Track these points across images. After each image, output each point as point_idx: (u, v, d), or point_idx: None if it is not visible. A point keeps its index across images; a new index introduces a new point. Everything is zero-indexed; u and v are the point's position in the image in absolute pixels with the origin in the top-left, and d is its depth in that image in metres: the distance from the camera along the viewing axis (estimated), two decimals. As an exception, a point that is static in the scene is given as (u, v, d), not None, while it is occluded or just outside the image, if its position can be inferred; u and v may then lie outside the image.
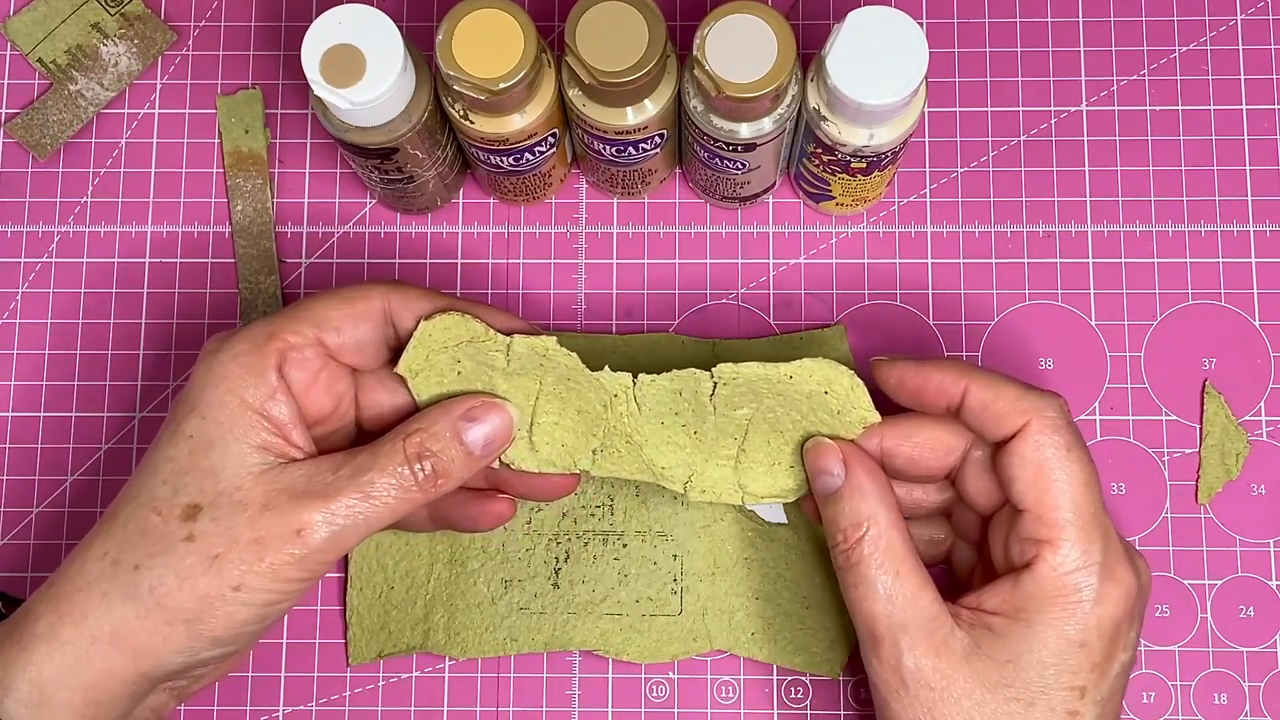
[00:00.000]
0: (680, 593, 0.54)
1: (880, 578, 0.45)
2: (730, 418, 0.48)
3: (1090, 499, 0.45)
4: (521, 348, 0.47)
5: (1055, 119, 0.58)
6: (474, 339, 0.47)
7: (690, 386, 0.48)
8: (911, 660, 0.44)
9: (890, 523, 0.46)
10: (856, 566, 0.46)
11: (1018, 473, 0.45)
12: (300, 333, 0.46)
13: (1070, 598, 0.44)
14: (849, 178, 0.52)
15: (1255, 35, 0.59)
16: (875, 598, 0.45)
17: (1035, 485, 0.45)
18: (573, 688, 0.55)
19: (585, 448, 0.49)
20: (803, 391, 0.47)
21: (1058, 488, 0.45)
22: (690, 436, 0.49)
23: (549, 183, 0.56)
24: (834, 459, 0.47)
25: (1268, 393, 0.56)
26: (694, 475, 0.49)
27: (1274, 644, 0.54)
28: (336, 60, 0.47)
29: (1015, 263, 0.57)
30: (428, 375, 0.48)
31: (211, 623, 0.43)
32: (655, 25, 0.47)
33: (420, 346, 0.47)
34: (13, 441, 0.57)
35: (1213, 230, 0.57)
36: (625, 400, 0.48)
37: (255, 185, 0.58)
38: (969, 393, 0.46)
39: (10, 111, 0.59)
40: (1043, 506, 0.45)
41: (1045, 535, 0.44)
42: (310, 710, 0.55)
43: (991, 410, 0.46)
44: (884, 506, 0.46)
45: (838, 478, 0.47)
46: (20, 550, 0.56)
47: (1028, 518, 0.45)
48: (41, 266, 0.58)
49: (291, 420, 0.45)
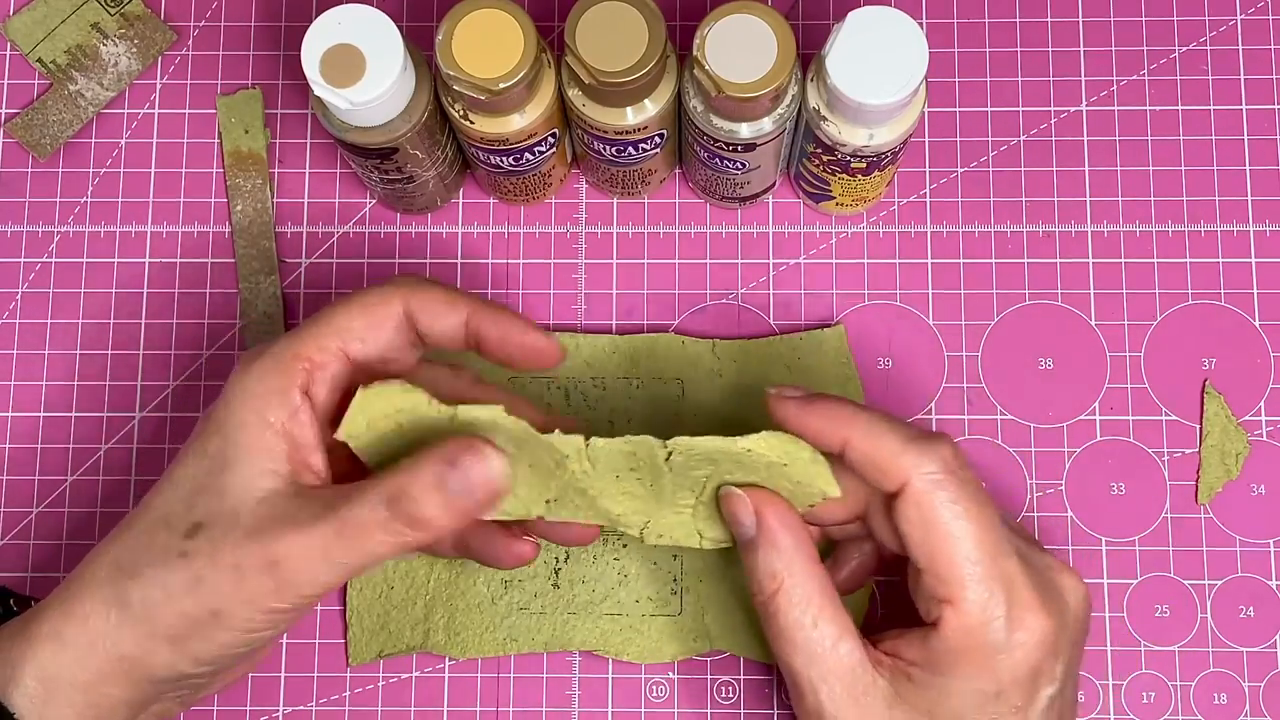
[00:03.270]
0: (680, 593, 0.54)
1: (797, 630, 0.45)
2: (686, 476, 0.47)
3: (986, 549, 0.43)
4: (466, 417, 0.44)
5: (1055, 119, 0.58)
6: (414, 409, 0.44)
7: (645, 452, 0.46)
8: (832, 710, 0.44)
9: (805, 573, 0.45)
10: (774, 618, 0.45)
11: (907, 531, 0.44)
12: (324, 348, 0.45)
13: (977, 653, 0.43)
14: (849, 178, 0.52)
15: (1255, 35, 0.59)
16: (794, 650, 0.45)
17: (925, 545, 0.44)
18: (573, 688, 0.55)
19: (539, 498, 0.47)
20: (761, 463, 0.46)
21: (949, 545, 0.43)
22: (646, 489, 0.47)
23: (549, 183, 0.56)
24: (744, 509, 0.46)
25: (1268, 393, 0.56)
26: (650, 522, 0.48)
27: (1274, 644, 0.54)
28: (336, 60, 0.47)
29: (1015, 263, 0.57)
30: (371, 439, 0.45)
31: (194, 644, 0.43)
32: (655, 25, 0.47)
33: (359, 414, 0.44)
34: (13, 441, 0.57)
35: (1213, 230, 0.57)
36: (578, 460, 0.46)
37: (255, 185, 0.58)
38: (849, 445, 0.44)
39: (10, 111, 0.59)
40: (937, 565, 0.43)
41: (944, 594, 0.43)
42: (310, 710, 0.55)
43: (871, 465, 0.44)
44: (799, 557, 0.45)
45: (749, 529, 0.46)
46: (20, 550, 0.56)
47: (926, 576, 0.44)
48: (41, 266, 0.58)
49: (313, 443, 0.44)
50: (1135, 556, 0.55)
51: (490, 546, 0.49)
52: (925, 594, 0.44)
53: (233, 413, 0.44)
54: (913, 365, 0.56)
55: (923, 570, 0.44)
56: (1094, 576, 0.55)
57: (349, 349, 0.45)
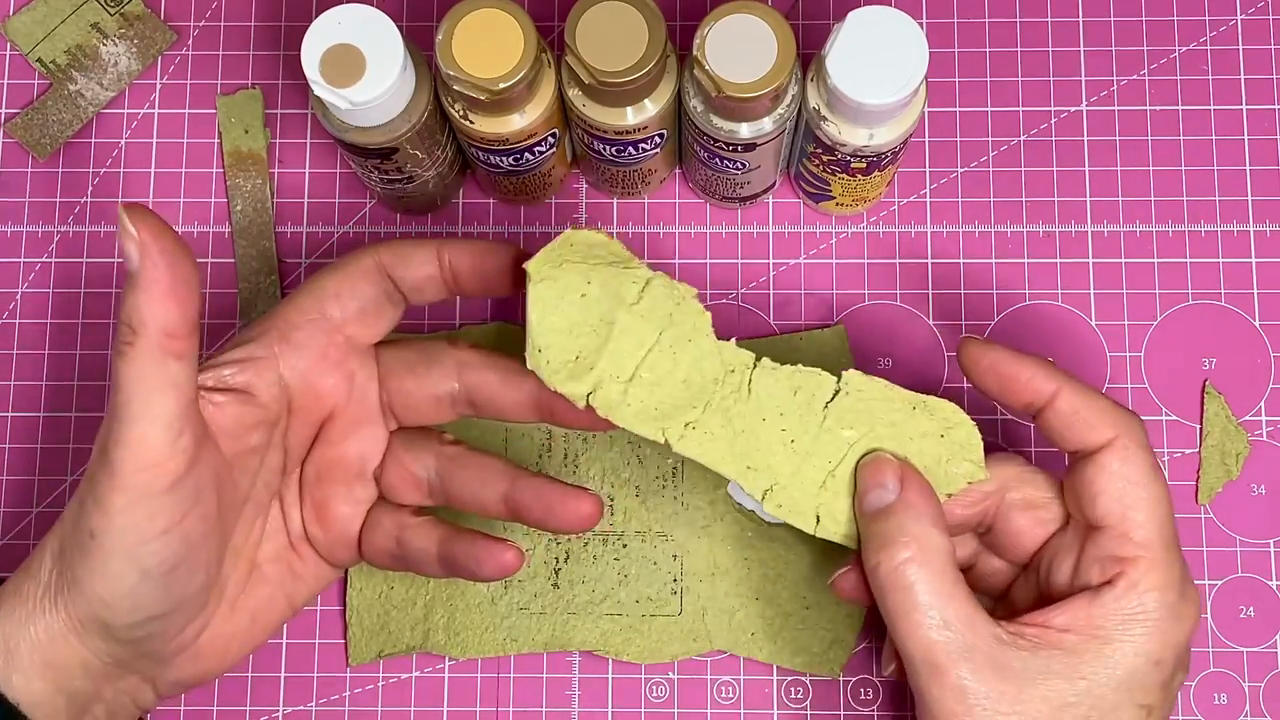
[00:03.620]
0: (680, 593, 0.54)
1: (934, 602, 0.44)
2: (835, 435, 0.46)
3: (1169, 521, 0.45)
4: (660, 288, 0.45)
5: (1055, 119, 0.58)
6: (615, 261, 0.44)
7: (809, 388, 0.46)
8: (977, 686, 0.43)
9: (942, 543, 0.45)
10: (907, 590, 0.44)
11: (1104, 487, 0.44)
12: (302, 308, 0.46)
13: (1153, 615, 0.43)
14: (849, 178, 0.52)
15: (1255, 35, 0.59)
16: (930, 624, 0.43)
17: (1122, 501, 0.44)
18: (573, 688, 0.55)
19: (679, 419, 0.45)
20: (919, 429, 0.46)
21: (1145, 507, 0.44)
22: (786, 445, 0.46)
23: (549, 183, 0.56)
24: (891, 474, 0.46)
25: (1268, 393, 0.56)
26: (775, 486, 0.47)
27: (1274, 644, 0.54)
28: (336, 60, 0.47)
29: (1015, 263, 0.57)
30: (551, 285, 0.44)
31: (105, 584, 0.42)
32: (655, 25, 0.47)
33: (556, 250, 0.43)
34: (13, 441, 0.57)
35: (1213, 230, 0.57)
36: (739, 380, 0.45)
37: (255, 185, 0.58)
38: (1060, 395, 0.45)
39: (10, 111, 0.59)
40: (1128, 524, 0.44)
41: (1130, 553, 0.44)
42: (310, 710, 0.55)
43: (1082, 417, 0.45)
44: (937, 526, 0.45)
45: (891, 492, 0.45)
46: (20, 550, 0.56)
47: (1109, 534, 0.44)
48: (41, 266, 0.58)
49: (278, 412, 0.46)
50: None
51: (472, 551, 0.47)
52: (1103, 554, 0.44)
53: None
54: (913, 365, 0.56)
55: (1107, 528, 0.44)
56: (1094, 576, 0.55)
57: (326, 308, 0.46)
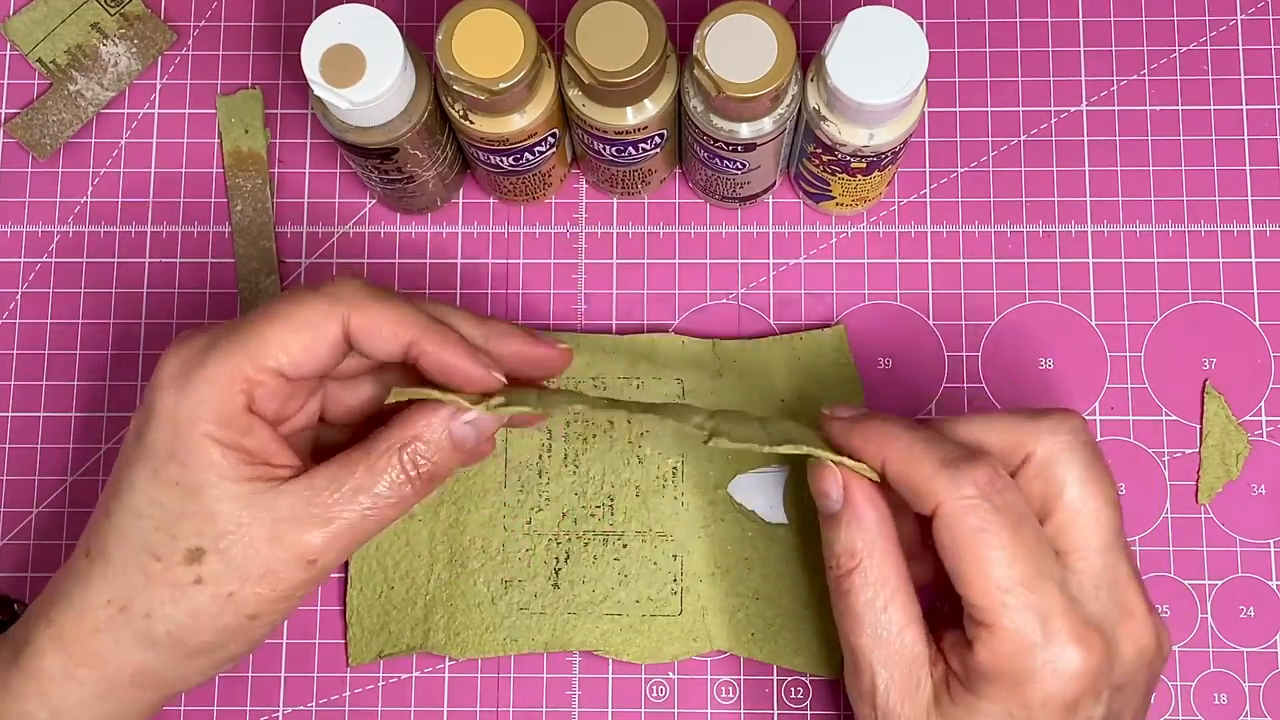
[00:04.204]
0: (680, 593, 0.54)
1: (868, 611, 0.45)
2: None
3: (1017, 577, 0.43)
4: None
5: (1055, 119, 0.58)
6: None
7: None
8: (884, 699, 0.45)
9: (884, 555, 0.45)
10: (846, 596, 0.45)
11: (941, 554, 0.44)
12: (261, 368, 0.44)
13: (1008, 679, 0.43)
14: (849, 178, 0.52)
15: (1255, 35, 0.59)
16: (861, 630, 0.45)
17: (958, 569, 0.43)
18: (573, 688, 0.55)
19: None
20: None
21: (980, 571, 0.43)
22: None
23: (549, 183, 0.56)
24: (833, 483, 0.46)
25: (1268, 393, 0.56)
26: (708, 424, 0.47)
27: (1274, 644, 0.54)
28: (336, 60, 0.47)
29: (1015, 263, 0.57)
30: None
31: (232, 647, 0.45)
32: (655, 25, 0.47)
33: None
34: (13, 441, 0.57)
35: (1213, 230, 0.57)
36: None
37: (255, 185, 0.58)
38: (886, 464, 0.45)
39: (10, 111, 0.59)
40: (970, 591, 0.43)
41: (980, 618, 0.43)
42: (310, 710, 0.55)
43: (907, 487, 0.44)
44: (880, 538, 0.45)
45: (836, 502, 0.46)
46: (20, 550, 0.56)
47: (963, 599, 0.44)
48: (41, 266, 0.58)
49: (269, 444, 0.45)
50: (1135, 556, 0.55)
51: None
52: (965, 612, 0.44)
53: (185, 440, 0.43)
54: (913, 365, 0.56)
55: (961, 592, 0.44)
56: (1094, 576, 0.55)
57: (284, 370, 0.44)
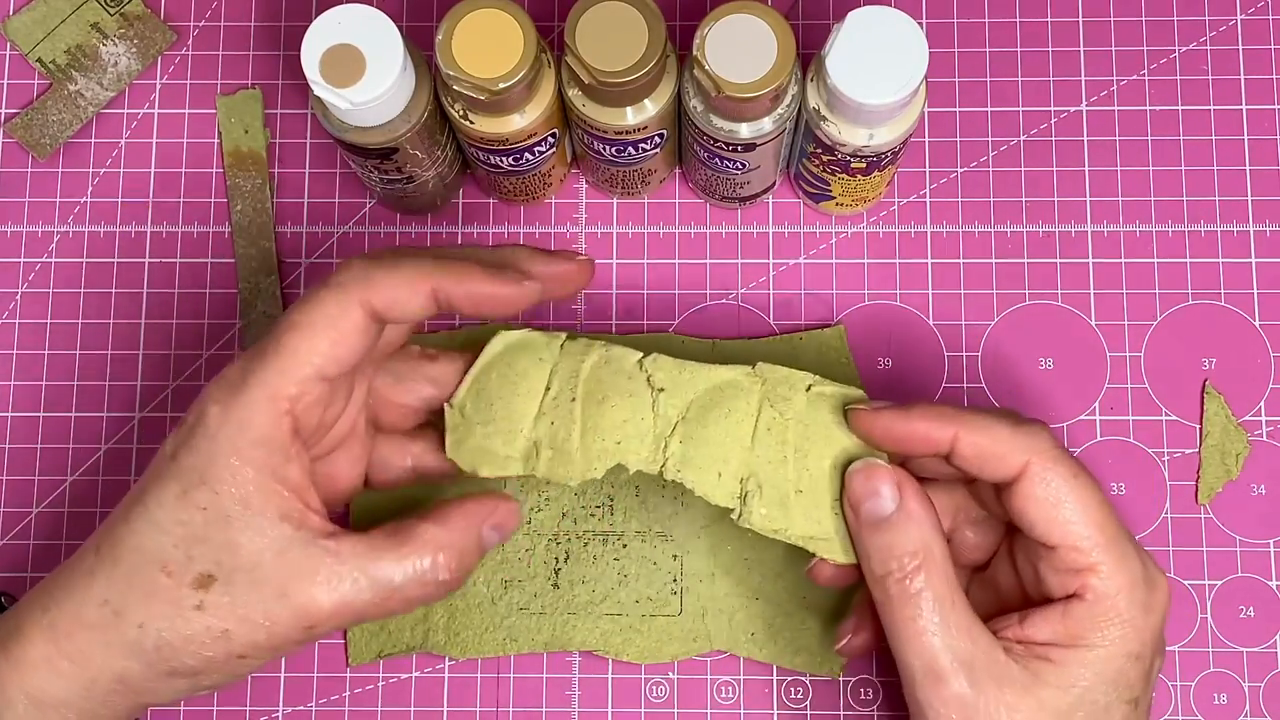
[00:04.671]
0: (680, 593, 0.54)
1: (938, 610, 0.44)
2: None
3: (1110, 516, 0.45)
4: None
5: (1055, 119, 0.58)
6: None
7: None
8: (976, 696, 0.43)
9: (945, 553, 0.45)
10: (914, 598, 0.44)
11: (1036, 515, 0.44)
12: (300, 381, 0.43)
13: (1125, 615, 0.44)
14: (849, 178, 0.52)
15: (1255, 35, 0.59)
16: (935, 631, 0.44)
17: (1058, 523, 0.44)
18: (573, 688, 0.55)
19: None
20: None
21: (1081, 519, 0.44)
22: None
23: (549, 183, 0.56)
24: (888, 481, 0.45)
25: (1268, 393, 0.56)
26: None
27: (1274, 644, 0.54)
28: (336, 60, 0.47)
29: (1015, 263, 0.57)
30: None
31: (214, 678, 0.44)
32: (655, 25, 0.47)
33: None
34: (13, 441, 0.57)
35: (1213, 230, 0.57)
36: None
37: (255, 185, 0.58)
38: (959, 440, 0.45)
39: (10, 111, 0.59)
40: (1073, 539, 0.44)
41: (1083, 564, 0.44)
42: (310, 710, 0.55)
43: (988, 454, 0.45)
44: (938, 537, 0.45)
45: (890, 501, 0.45)
46: (20, 550, 0.56)
47: (1059, 552, 0.44)
48: (41, 266, 0.58)
49: (306, 483, 0.44)
50: (1135, 556, 0.55)
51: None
52: (1060, 569, 0.44)
53: (221, 465, 0.42)
54: (913, 365, 0.56)
55: (1055, 547, 0.44)
56: (1094, 576, 0.55)
57: (324, 372, 0.43)
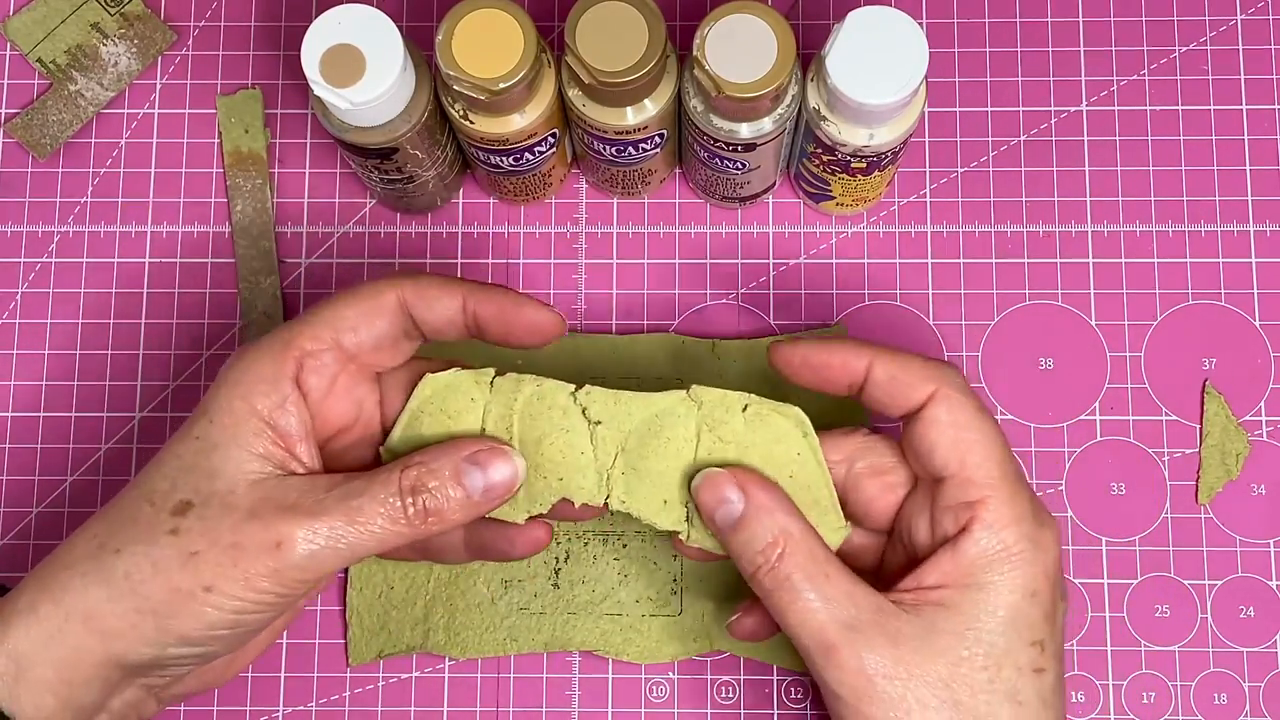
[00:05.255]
0: (680, 593, 0.54)
1: (813, 586, 0.44)
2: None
3: (1008, 457, 0.45)
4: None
5: (1055, 119, 0.58)
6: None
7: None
8: (873, 658, 0.43)
9: (804, 531, 0.45)
10: (786, 582, 0.44)
11: (937, 439, 0.45)
12: (317, 337, 0.46)
13: (1014, 550, 0.44)
14: (849, 178, 0.53)
15: (1255, 35, 0.59)
16: (815, 607, 0.44)
17: (957, 448, 0.45)
18: (573, 688, 0.55)
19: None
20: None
21: (980, 448, 0.45)
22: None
23: (549, 183, 0.56)
24: (729, 485, 0.46)
25: (1268, 393, 0.56)
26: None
27: (1274, 644, 0.54)
28: (336, 60, 0.47)
29: (1015, 263, 0.57)
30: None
31: (180, 620, 0.43)
32: (655, 25, 0.47)
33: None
34: (13, 441, 0.57)
35: (1213, 230, 0.57)
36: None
37: (255, 185, 0.58)
38: (874, 367, 0.46)
39: (10, 111, 0.59)
40: (968, 468, 0.44)
41: (976, 495, 0.44)
42: (310, 710, 0.55)
43: (898, 381, 0.45)
44: (794, 518, 0.45)
45: (738, 503, 0.45)
46: (20, 550, 0.56)
47: (954, 483, 0.45)
48: (41, 266, 0.58)
49: (300, 433, 0.45)
50: (1135, 556, 0.55)
51: (503, 536, 0.49)
52: (952, 503, 0.45)
53: (219, 398, 0.45)
54: (913, 365, 0.56)
55: (950, 477, 0.45)
56: (1094, 576, 0.55)
57: (342, 339, 0.46)
